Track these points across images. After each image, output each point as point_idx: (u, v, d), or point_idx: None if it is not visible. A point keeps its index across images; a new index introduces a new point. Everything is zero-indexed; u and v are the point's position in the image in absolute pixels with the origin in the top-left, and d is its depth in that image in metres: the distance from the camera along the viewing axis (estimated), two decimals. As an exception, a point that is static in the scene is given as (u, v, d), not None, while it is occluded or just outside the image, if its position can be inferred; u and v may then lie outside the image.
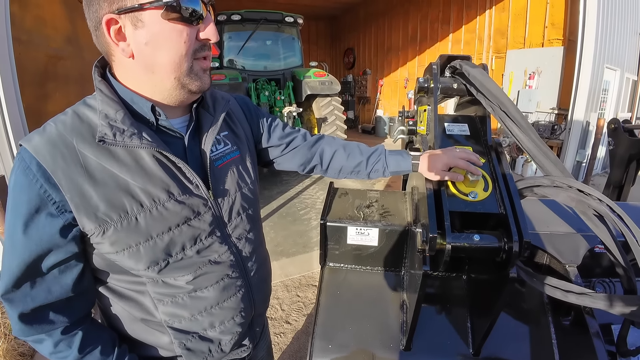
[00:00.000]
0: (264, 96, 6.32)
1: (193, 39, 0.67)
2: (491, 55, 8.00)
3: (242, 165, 0.89)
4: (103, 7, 0.62)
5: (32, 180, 0.62)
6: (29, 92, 2.71)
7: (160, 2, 0.61)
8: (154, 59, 0.66)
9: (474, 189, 0.78)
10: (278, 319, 2.75)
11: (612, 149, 2.26)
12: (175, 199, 0.72)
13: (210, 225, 0.78)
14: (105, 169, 0.66)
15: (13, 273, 0.64)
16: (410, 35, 10.41)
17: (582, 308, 0.87)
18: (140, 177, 0.69)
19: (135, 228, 0.68)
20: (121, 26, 0.63)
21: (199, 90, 0.73)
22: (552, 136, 6.51)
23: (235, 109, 0.97)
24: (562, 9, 6.38)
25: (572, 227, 1.00)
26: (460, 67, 0.93)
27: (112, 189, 0.66)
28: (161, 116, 0.72)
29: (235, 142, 0.89)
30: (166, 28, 0.64)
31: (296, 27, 6.98)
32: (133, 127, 0.67)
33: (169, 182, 0.72)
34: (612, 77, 6.95)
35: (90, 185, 0.65)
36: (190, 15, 0.65)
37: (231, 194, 0.83)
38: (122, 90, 0.70)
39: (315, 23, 14.26)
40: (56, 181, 0.63)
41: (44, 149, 0.63)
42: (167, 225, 0.72)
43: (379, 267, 1.02)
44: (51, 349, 0.70)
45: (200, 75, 0.72)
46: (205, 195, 0.77)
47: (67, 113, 0.69)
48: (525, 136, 0.86)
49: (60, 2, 3.63)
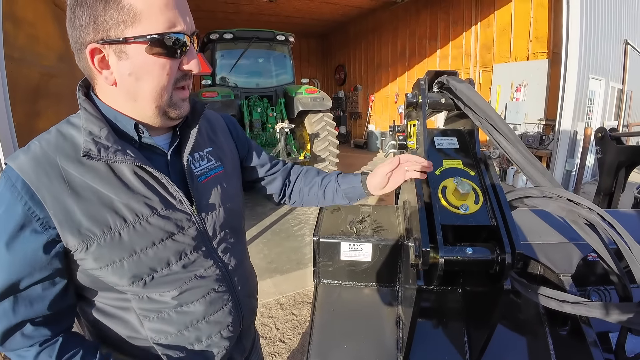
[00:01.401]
0: (256, 113, 6.36)
1: (175, 70, 0.69)
2: (478, 69, 8.19)
3: (226, 180, 0.90)
4: (88, 34, 0.63)
5: (17, 197, 0.63)
6: (20, 109, 2.70)
7: (145, 37, 0.63)
8: (136, 88, 0.68)
9: (465, 201, 0.78)
10: (272, 338, 2.69)
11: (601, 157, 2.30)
12: (158, 214, 0.72)
13: (195, 240, 0.79)
14: (89, 186, 0.67)
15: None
16: (399, 51, 10.64)
17: (578, 317, 0.87)
18: (123, 192, 0.69)
19: (119, 243, 0.69)
20: (104, 55, 0.64)
21: (178, 117, 0.75)
22: (540, 147, 6.62)
23: (220, 125, 0.99)
24: (546, 23, 6.60)
25: (565, 236, 1.00)
26: (447, 82, 0.94)
27: (95, 205, 0.67)
28: (144, 133, 0.73)
29: (219, 157, 0.91)
30: (149, 61, 0.65)
31: (287, 45, 7.10)
32: (117, 144, 0.67)
33: (152, 197, 0.72)
34: (598, 86, 7.14)
35: (74, 201, 0.65)
36: (174, 49, 0.66)
37: (215, 209, 0.84)
38: (105, 109, 0.71)
39: (306, 41, 14.51)
40: (40, 198, 0.63)
41: (28, 167, 0.64)
42: (150, 240, 0.72)
43: (373, 283, 1.01)
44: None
45: (179, 104, 0.74)
46: (189, 210, 0.77)
47: (51, 132, 0.70)
48: (513, 148, 0.87)
49: (54, 21, 3.66)
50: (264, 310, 3.04)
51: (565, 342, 0.88)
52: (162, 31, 0.64)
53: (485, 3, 7.79)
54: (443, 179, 0.84)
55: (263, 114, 6.47)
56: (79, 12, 0.62)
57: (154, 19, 0.63)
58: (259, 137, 6.40)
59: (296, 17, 11.38)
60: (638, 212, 1.19)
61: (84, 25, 0.62)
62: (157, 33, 0.63)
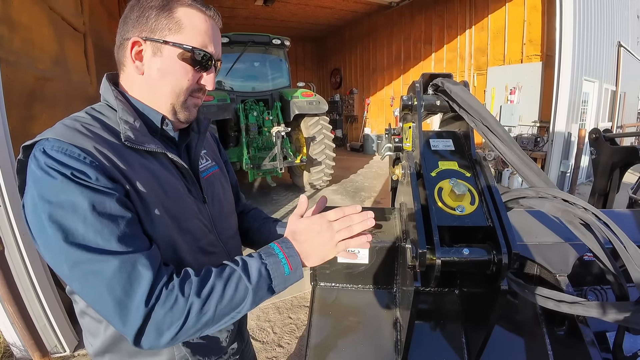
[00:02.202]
0: (252, 116, 6.37)
1: (194, 80, 0.80)
2: (473, 72, 8.25)
3: (221, 179, 1.01)
4: (135, 30, 0.75)
5: (79, 158, 0.62)
6: (15, 113, 2.67)
7: (181, 45, 0.75)
8: (158, 83, 0.78)
9: (461, 202, 0.79)
10: (270, 343, 2.68)
11: (595, 158, 2.32)
12: (187, 195, 0.81)
13: (208, 224, 0.87)
14: (134, 157, 0.72)
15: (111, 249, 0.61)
16: (394, 55, 10.71)
17: (575, 317, 0.87)
18: (158, 173, 0.75)
19: (164, 211, 0.73)
20: (142, 49, 0.75)
21: (185, 120, 0.85)
22: (535, 148, 6.67)
23: (209, 137, 1.12)
24: (539, 26, 6.67)
25: (560, 236, 1.01)
26: (442, 85, 0.95)
27: (142, 174, 0.71)
28: (168, 126, 0.83)
29: (214, 159, 1.03)
30: (177, 65, 0.76)
31: (283, 49, 7.13)
32: (149, 133, 0.77)
33: (179, 182, 0.81)
34: (591, 88, 7.22)
35: (124, 165, 0.68)
36: (200, 63, 0.78)
37: (218, 202, 0.94)
38: (136, 102, 0.80)
39: (302, 44, 14.58)
40: (98, 157, 0.65)
41: (72, 136, 0.65)
42: (185, 215, 0.79)
43: (370, 285, 1.01)
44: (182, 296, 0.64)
45: (190, 108, 0.84)
46: (201, 199, 0.87)
47: (81, 114, 0.74)
48: (507, 149, 0.88)
49: (49, 24, 3.65)
50: (261, 314, 3.03)
51: (563, 342, 0.88)
52: (196, 46, 0.76)
53: (479, 7, 7.87)
54: (439, 180, 0.85)
55: (259, 117, 6.47)
56: (135, 11, 0.75)
57: (193, 36, 0.76)
58: (255, 140, 6.40)
59: (292, 21, 11.43)
60: (633, 211, 1.20)
61: (135, 23, 0.75)
62: (192, 46, 0.76)
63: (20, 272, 2.33)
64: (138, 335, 0.61)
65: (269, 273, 0.70)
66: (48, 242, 0.60)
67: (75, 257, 0.59)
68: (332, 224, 0.75)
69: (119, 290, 0.60)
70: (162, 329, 0.62)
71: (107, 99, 0.78)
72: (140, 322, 0.60)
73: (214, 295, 0.65)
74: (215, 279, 0.67)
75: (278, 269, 0.71)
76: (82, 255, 0.59)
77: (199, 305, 0.63)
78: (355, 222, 0.76)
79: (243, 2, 9.36)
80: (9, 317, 2.10)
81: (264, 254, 0.72)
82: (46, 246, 0.61)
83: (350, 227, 0.76)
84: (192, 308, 0.63)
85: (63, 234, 0.59)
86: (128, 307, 0.60)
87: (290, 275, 0.72)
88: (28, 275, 2.36)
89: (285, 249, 0.73)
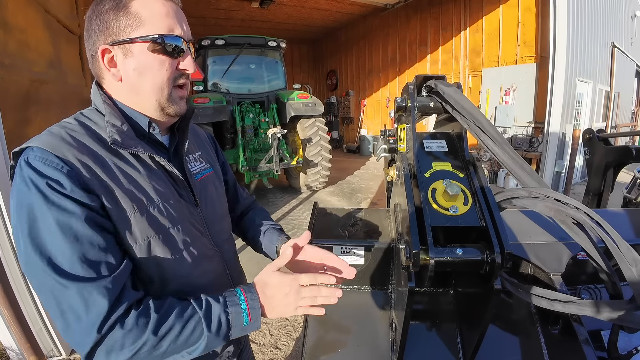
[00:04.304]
0: (248, 118, 6.36)
1: (173, 68, 0.78)
2: (468, 73, 8.30)
3: (215, 181, 1.00)
4: (100, 39, 0.74)
5: (57, 167, 0.64)
6: (10, 116, 2.65)
7: (148, 37, 0.73)
8: (139, 83, 0.76)
9: (454, 203, 0.79)
10: (267, 345, 2.67)
11: (589, 158, 2.33)
12: (175, 199, 0.80)
13: (200, 228, 0.86)
14: (117, 166, 0.72)
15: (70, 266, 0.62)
16: (390, 56, 10.75)
17: (569, 316, 0.88)
18: (144, 178, 0.76)
19: (149, 219, 0.73)
20: (113, 55, 0.74)
21: (175, 114, 0.83)
22: (530, 149, 6.71)
23: (204, 137, 1.10)
24: (533, 27, 6.72)
25: (554, 236, 1.01)
26: (436, 86, 0.96)
27: (125, 183, 0.72)
28: (155, 130, 0.81)
29: (208, 161, 1.01)
30: (150, 58, 0.75)
31: (279, 51, 7.13)
32: (136, 137, 0.77)
33: (167, 185, 0.80)
34: (585, 89, 7.28)
35: (105, 175, 0.69)
36: (172, 49, 0.76)
37: (211, 205, 0.93)
38: (123, 106, 0.79)
39: (298, 46, 14.59)
40: (78, 168, 0.66)
41: (56, 144, 0.67)
42: (173, 221, 0.78)
43: (366, 286, 1.01)
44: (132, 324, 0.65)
45: (177, 101, 0.82)
46: (193, 202, 0.86)
47: (69, 121, 0.75)
48: (500, 150, 0.88)
49: (44, 27, 3.63)
50: (258, 316, 3.02)
51: (558, 340, 0.89)
52: (162, 32, 0.74)
53: (473, 9, 7.92)
54: (432, 181, 0.85)
55: (255, 119, 6.47)
56: (94, 21, 0.74)
57: (156, 24, 0.74)
58: (252, 142, 6.39)
59: (288, 23, 11.45)
60: (627, 211, 1.21)
61: (97, 32, 0.74)
62: (157, 34, 0.74)
63: (16, 276, 2.31)
64: (88, 357, 0.64)
65: (228, 323, 0.71)
66: (19, 249, 0.64)
67: (38, 272, 0.62)
68: (301, 290, 0.75)
69: (73, 315, 0.62)
70: (112, 356, 0.64)
71: (96, 104, 0.79)
72: (90, 346, 0.62)
73: (170, 336, 0.66)
74: (175, 319, 0.68)
75: (238, 319, 0.72)
76: (44, 272, 0.61)
77: (153, 343, 0.65)
78: (322, 295, 0.77)
79: (239, 4, 9.37)
80: (5, 320, 2.09)
81: (229, 302, 0.72)
82: (18, 252, 0.65)
83: (316, 299, 0.77)
84: (146, 344, 0.65)
85: (32, 247, 0.61)
86: (80, 331, 0.62)
87: (248, 326, 0.73)
88: (24, 278, 2.35)
89: (249, 301, 0.74)
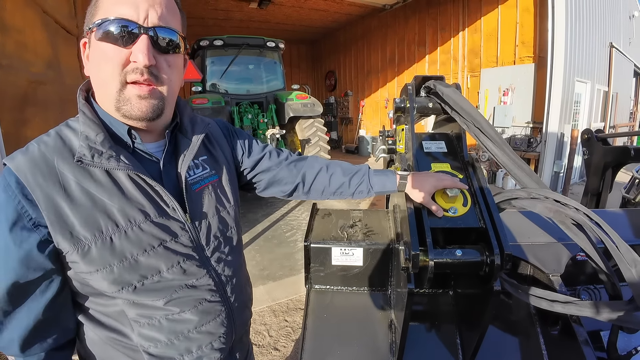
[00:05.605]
0: (247, 119, 6.35)
1: (121, 60, 0.66)
2: (466, 74, 8.30)
3: (220, 189, 0.89)
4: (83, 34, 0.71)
5: (11, 196, 0.63)
6: (8, 117, 2.63)
7: (92, 25, 0.67)
8: (95, 76, 0.71)
9: (454, 204, 0.79)
10: (266, 346, 2.66)
11: (587, 158, 2.33)
12: (151, 221, 0.72)
13: (188, 248, 0.78)
14: (83, 189, 0.67)
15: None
16: (388, 57, 10.74)
17: (569, 317, 0.88)
18: (117, 198, 0.69)
19: (110, 248, 0.68)
20: (86, 47, 0.71)
21: (131, 116, 0.70)
22: (529, 149, 6.71)
23: (215, 132, 0.97)
24: (531, 28, 6.72)
25: (553, 236, 1.01)
26: (435, 87, 0.95)
27: (88, 209, 0.67)
28: (137, 139, 0.74)
29: (214, 166, 0.89)
30: (97, 47, 0.67)
31: (278, 52, 7.12)
32: (112, 149, 0.68)
33: (146, 203, 0.72)
34: (583, 89, 7.29)
35: (67, 203, 0.66)
36: (116, 36, 0.65)
37: (209, 217, 0.83)
38: (102, 113, 0.73)
39: (296, 47, 14.58)
40: (34, 197, 0.64)
41: (25, 166, 0.65)
42: (142, 246, 0.71)
43: (365, 287, 1.01)
44: None
45: (132, 100, 0.68)
46: (182, 218, 0.77)
47: (50, 134, 0.71)
48: (499, 150, 0.88)
49: (42, 28, 3.61)
50: (257, 317, 3.01)
51: (557, 341, 0.89)
52: (109, 17, 0.65)
53: (472, 9, 7.92)
54: (432, 182, 0.85)
55: (254, 120, 6.46)
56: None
57: (107, 8, 0.66)
58: (251, 143, 6.37)
59: (286, 24, 11.43)
60: (626, 211, 1.21)
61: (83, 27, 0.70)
62: (101, 19, 0.65)
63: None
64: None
65: None
66: None
67: None
68: None
69: None
70: None
71: (80, 110, 0.72)
72: None
73: None
74: None
75: None
76: None
77: None
78: None
79: (237, 4, 9.35)
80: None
81: None
82: None
83: None
84: None
85: None
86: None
87: None
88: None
89: None
